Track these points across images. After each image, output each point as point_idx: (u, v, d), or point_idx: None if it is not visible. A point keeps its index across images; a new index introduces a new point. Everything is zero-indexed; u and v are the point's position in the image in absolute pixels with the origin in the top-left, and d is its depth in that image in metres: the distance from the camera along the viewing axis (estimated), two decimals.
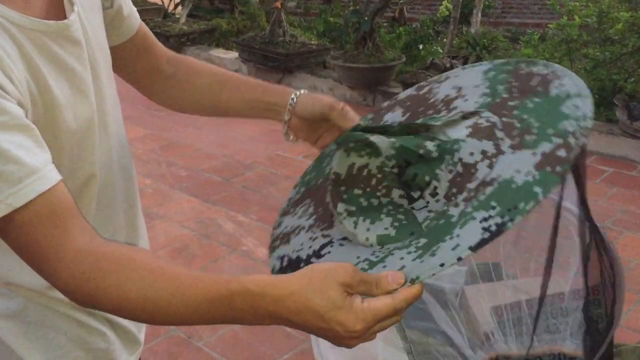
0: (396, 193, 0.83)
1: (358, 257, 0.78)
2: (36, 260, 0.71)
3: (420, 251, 0.74)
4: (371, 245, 0.80)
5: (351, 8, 5.88)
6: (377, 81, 5.39)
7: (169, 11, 7.37)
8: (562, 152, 0.75)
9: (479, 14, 5.14)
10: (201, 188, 3.74)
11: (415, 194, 0.82)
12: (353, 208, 0.83)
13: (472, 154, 0.80)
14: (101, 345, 0.96)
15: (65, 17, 0.84)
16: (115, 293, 0.69)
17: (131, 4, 1.03)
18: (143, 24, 1.05)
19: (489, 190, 0.76)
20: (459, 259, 0.70)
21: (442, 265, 0.70)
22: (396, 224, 0.80)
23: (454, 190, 0.79)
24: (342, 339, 0.68)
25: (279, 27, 6.03)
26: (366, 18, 5.33)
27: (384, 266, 0.74)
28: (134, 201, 1.07)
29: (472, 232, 0.72)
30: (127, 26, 1.02)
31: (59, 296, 0.88)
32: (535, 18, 8.02)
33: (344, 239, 0.83)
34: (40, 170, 0.70)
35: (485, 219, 0.72)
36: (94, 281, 0.69)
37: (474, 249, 0.70)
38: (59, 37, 0.82)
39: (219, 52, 6.77)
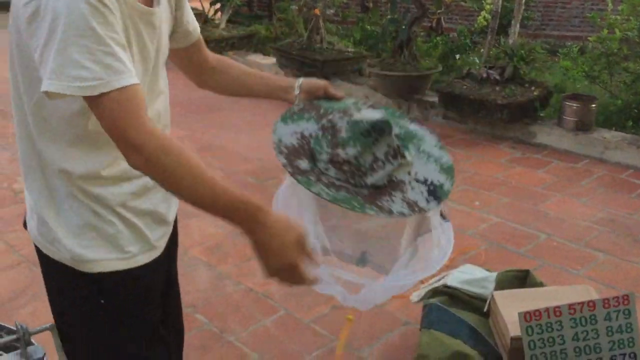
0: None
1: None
2: (126, 126, 1.03)
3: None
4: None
5: (389, 17, 5.92)
6: (413, 90, 5.41)
7: (209, 17, 7.50)
8: None
9: (517, 25, 5.11)
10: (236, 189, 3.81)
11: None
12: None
13: None
14: (109, 230, 1.25)
15: (152, 6, 1.19)
16: (168, 169, 1.05)
17: (195, 22, 1.42)
18: (200, 36, 1.46)
19: None
20: None
21: None
22: None
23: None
24: (277, 267, 1.13)
25: (316, 34, 6.09)
26: (404, 27, 5.36)
27: None
28: None
29: None
30: (190, 37, 1.43)
31: (88, 188, 1.21)
32: (575, 31, 7.93)
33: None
34: (132, 73, 1.06)
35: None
36: (157, 158, 1.04)
37: None
38: (144, 19, 1.16)
39: (257, 58, 6.85)
